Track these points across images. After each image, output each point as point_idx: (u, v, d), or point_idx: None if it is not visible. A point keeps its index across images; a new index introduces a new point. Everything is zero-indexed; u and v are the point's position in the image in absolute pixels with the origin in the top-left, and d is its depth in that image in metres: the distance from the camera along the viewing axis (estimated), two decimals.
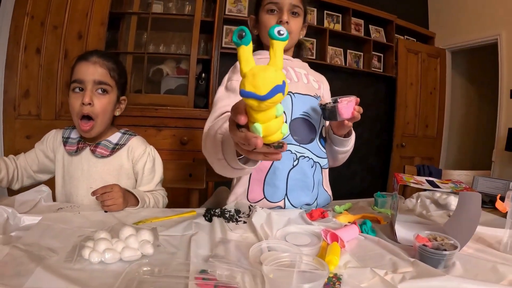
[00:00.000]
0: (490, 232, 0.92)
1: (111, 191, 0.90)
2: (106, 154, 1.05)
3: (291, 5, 1.06)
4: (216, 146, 0.68)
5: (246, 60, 0.42)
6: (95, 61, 0.99)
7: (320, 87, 1.17)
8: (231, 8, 3.08)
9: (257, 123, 0.44)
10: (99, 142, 1.07)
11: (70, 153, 1.05)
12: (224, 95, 0.99)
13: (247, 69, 0.41)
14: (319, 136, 1.09)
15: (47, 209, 0.90)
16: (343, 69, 3.64)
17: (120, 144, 1.08)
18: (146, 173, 1.10)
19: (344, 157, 1.18)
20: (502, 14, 3.38)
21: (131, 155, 1.09)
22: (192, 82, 2.54)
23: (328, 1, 3.46)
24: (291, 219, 0.91)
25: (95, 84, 0.99)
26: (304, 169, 1.04)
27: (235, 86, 0.98)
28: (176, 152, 2.35)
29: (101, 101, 1.00)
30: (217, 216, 0.92)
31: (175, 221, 0.88)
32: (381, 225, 0.93)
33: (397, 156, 3.81)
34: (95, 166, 1.05)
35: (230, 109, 0.87)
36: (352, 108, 0.93)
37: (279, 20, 1.05)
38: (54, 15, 2.30)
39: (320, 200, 1.10)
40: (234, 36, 0.42)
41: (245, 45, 0.42)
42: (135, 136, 1.12)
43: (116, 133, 1.11)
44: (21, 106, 2.26)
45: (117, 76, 1.04)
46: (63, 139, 1.08)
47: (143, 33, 2.61)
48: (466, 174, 1.74)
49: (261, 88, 0.39)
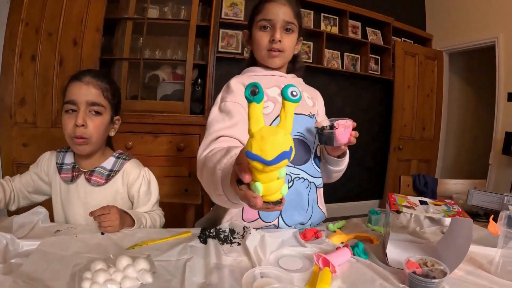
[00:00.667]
0: (482, 251, 0.93)
1: (108, 213, 0.92)
2: (101, 182, 1.06)
3: (284, 21, 1.04)
4: (216, 182, 0.66)
5: (256, 119, 0.42)
6: (88, 81, 0.99)
7: (314, 104, 1.16)
8: (227, 11, 3.07)
9: (258, 183, 0.43)
10: (93, 170, 1.07)
11: (65, 181, 1.06)
12: (219, 117, 0.97)
13: (256, 129, 0.41)
14: (313, 156, 1.08)
15: (45, 231, 0.91)
16: (340, 72, 3.64)
17: (115, 170, 1.08)
18: (141, 195, 1.11)
19: (338, 175, 1.18)
20: (500, 16, 3.38)
21: (125, 179, 1.09)
22: (188, 88, 2.54)
23: (325, 3, 3.45)
24: (285, 240, 0.92)
25: (88, 105, 0.98)
26: (299, 190, 1.04)
27: (229, 108, 0.96)
28: (173, 158, 2.35)
29: (95, 122, 1.00)
30: (212, 237, 0.92)
31: (170, 243, 0.88)
32: (373, 246, 0.94)
33: (394, 159, 3.82)
34: (91, 194, 1.05)
35: (225, 133, 0.89)
36: (349, 133, 0.93)
37: (271, 39, 1.04)
38: (48, 22, 2.29)
39: (314, 219, 1.10)
40: (247, 91, 0.42)
41: (257, 102, 0.42)
42: (129, 161, 1.12)
43: (110, 158, 1.11)
44: (17, 114, 2.26)
45: (111, 96, 1.04)
46: (57, 165, 1.08)
47: (139, 38, 2.60)
48: (462, 184, 1.75)
49: (268, 153, 0.39)
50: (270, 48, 1.05)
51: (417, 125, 3.96)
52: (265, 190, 0.44)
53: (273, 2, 1.06)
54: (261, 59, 1.10)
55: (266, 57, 1.07)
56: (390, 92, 3.85)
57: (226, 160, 0.65)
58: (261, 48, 1.07)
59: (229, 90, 1.03)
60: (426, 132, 4.05)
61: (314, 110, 1.15)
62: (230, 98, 1.00)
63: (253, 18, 1.10)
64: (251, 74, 1.11)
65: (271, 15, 1.04)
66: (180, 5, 2.72)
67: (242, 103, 0.99)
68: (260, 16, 1.07)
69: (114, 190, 1.08)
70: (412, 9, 4.19)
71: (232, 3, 3.08)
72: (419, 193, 1.71)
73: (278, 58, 1.07)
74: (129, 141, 2.28)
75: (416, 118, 3.95)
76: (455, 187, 1.75)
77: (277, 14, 1.04)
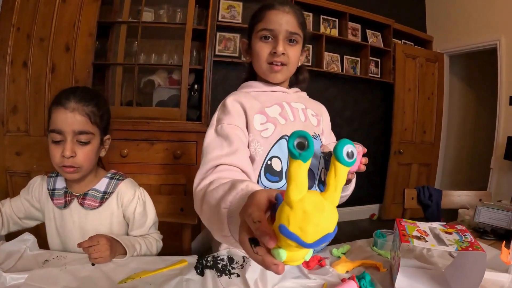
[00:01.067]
0: (493, 278, 0.88)
1: (97, 244, 0.86)
2: (95, 206, 1.01)
3: (287, 32, 0.95)
4: (221, 222, 0.58)
5: (299, 182, 0.33)
6: (74, 107, 0.91)
7: (319, 122, 1.08)
8: (224, 14, 3.00)
9: (282, 249, 0.35)
10: (86, 193, 1.02)
11: (59, 207, 1.01)
12: (216, 142, 0.87)
13: (297, 196, 0.33)
14: (318, 182, 1.01)
15: (33, 260, 0.88)
16: (339, 75, 3.59)
17: (109, 192, 1.03)
18: (137, 217, 1.05)
19: (343, 200, 1.10)
20: (502, 19, 3.33)
21: (120, 201, 1.04)
22: (184, 94, 2.48)
23: (324, 5, 3.39)
24: (287, 271, 0.86)
25: (75, 134, 0.92)
26: None
27: (227, 133, 0.87)
28: (169, 166, 2.29)
29: (84, 151, 0.94)
30: (209, 267, 0.87)
31: (165, 275, 0.83)
32: (380, 274, 0.89)
33: (394, 163, 3.78)
34: (86, 218, 1.01)
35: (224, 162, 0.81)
36: (359, 160, 0.86)
37: (273, 51, 0.94)
38: (40, 27, 2.21)
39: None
40: (291, 143, 0.33)
41: (303, 161, 0.33)
42: (123, 181, 1.07)
43: (103, 179, 1.05)
44: (9, 122, 2.19)
45: (99, 120, 0.97)
46: (49, 191, 1.02)
47: (134, 42, 2.53)
48: (467, 195, 1.71)
49: (309, 236, 0.31)
50: (272, 61, 0.96)
51: (417, 129, 3.91)
52: (289, 257, 0.36)
53: (276, 9, 0.96)
54: (261, 73, 1.00)
55: (267, 71, 0.98)
56: (390, 95, 3.80)
57: (232, 198, 0.57)
58: (261, 60, 0.97)
59: (225, 110, 0.94)
60: (426, 136, 4.00)
61: (319, 130, 1.07)
62: (227, 120, 0.91)
63: (253, 27, 1.00)
64: (249, 90, 1.02)
65: (273, 25, 0.95)
66: (176, 8, 2.65)
67: (239, 125, 0.91)
68: (260, 25, 0.97)
69: (110, 213, 1.03)
70: (412, 10, 4.14)
71: (230, 5, 3.02)
72: (424, 206, 1.66)
73: (281, 73, 0.98)
74: (124, 148, 2.22)
75: (417, 122, 3.90)
76: (460, 199, 1.71)
77: (280, 23, 0.94)
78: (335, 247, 1.04)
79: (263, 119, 0.94)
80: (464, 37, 3.76)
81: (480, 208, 1.29)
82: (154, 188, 2.28)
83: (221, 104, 0.98)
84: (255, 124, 0.92)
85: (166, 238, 1.16)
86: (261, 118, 0.94)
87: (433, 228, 0.88)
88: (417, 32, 4.03)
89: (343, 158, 0.33)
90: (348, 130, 3.65)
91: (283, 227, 0.32)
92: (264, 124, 0.93)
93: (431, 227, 0.88)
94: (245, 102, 0.94)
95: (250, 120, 0.92)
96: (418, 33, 4.05)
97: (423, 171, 4.01)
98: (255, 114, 0.93)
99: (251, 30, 1.02)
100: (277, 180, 0.93)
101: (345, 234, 0.95)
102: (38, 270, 0.81)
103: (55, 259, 0.89)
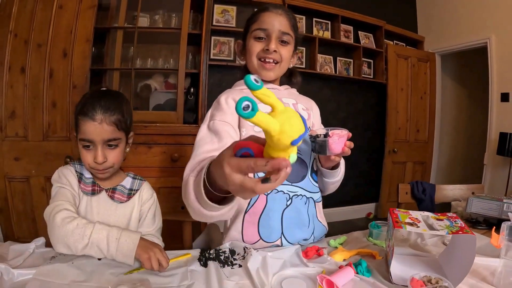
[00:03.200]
0: (484, 263, 0.93)
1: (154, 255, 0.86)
2: (124, 200, 1.07)
3: (280, 32, 1.02)
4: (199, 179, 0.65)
5: (267, 123, 0.41)
6: (101, 119, 0.95)
7: (309, 116, 1.14)
8: (218, 18, 3.05)
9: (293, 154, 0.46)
10: (115, 188, 1.07)
11: (86, 193, 1.03)
12: (207, 137, 0.94)
13: (276, 125, 0.42)
14: (310, 171, 1.07)
15: (41, 257, 0.89)
16: (333, 77, 3.64)
17: (135, 189, 1.10)
18: (149, 216, 1.11)
19: (335, 186, 1.15)
20: (492, 17, 3.41)
21: (141, 198, 1.11)
22: (181, 98, 2.51)
23: (316, 8, 3.45)
24: (286, 260, 0.90)
25: (104, 142, 0.98)
26: (298, 207, 1.02)
27: (217, 128, 0.94)
28: (167, 169, 2.32)
29: (114, 154, 1.00)
30: (212, 259, 0.90)
31: (169, 267, 0.86)
32: (376, 262, 0.93)
33: (389, 162, 3.83)
34: (111, 210, 1.05)
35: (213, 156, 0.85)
36: (343, 143, 0.91)
37: (265, 48, 1.01)
38: (37, 33, 2.24)
39: (317, 233, 1.08)
40: (239, 109, 0.40)
41: (252, 116, 0.41)
42: (145, 182, 1.15)
43: (127, 178, 1.11)
44: (7, 127, 2.21)
45: (125, 124, 1.01)
46: (77, 174, 1.04)
47: (130, 47, 2.57)
48: (460, 189, 1.75)
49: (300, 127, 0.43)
50: (263, 57, 1.03)
51: (411, 128, 3.98)
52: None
53: (269, 11, 1.04)
54: (253, 71, 1.06)
55: (259, 68, 1.04)
56: (383, 95, 3.86)
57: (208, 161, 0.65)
58: (253, 56, 1.04)
59: (218, 107, 1.01)
60: (420, 134, 4.07)
61: (309, 123, 1.13)
62: (219, 116, 0.98)
63: (248, 28, 1.08)
64: (242, 88, 1.08)
65: (266, 25, 1.02)
66: (171, 13, 2.69)
67: (231, 122, 0.97)
68: (255, 26, 1.05)
69: (131, 208, 1.08)
70: (404, 11, 4.22)
71: (224, 9, 3.07)
72: (418, 200, 1.70)
73: (273, 71, 1.05)
74: None
75: (410, 121, 3.96)
76: (453, 193, 1.75)
77: (273, 24, 1.02)
78: (332, 238, 1.08)
79: None
80: (454, 36, 3.84)
81: (472, 199, 1.33)
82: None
83: (215, 101, 1.04)
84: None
85: (167, 239, 1.19)
86: None
87: (425, 216, 0.91)
88: (408, 33, 4.11)
89: (252, 84, 0.42)
90: None
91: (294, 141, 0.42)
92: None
93: (423, 215, 0.92)
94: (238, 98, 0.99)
95: None
96: (410, 33, 4.13)
97: (417, 169, 4.07)
98: None
99: (246, 32, 1.09)
100: None
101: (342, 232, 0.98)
102: (45, 266, 0.83)
103: (62, 255, 0.90)
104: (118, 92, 1.12)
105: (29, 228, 2.25)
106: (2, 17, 2.21)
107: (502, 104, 3.36)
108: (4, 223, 2.24)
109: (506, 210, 1.26)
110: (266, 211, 0.99)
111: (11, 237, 2.21)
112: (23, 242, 0.96)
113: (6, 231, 2.25)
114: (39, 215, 2.29)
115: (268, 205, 0.99)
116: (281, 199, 1.00)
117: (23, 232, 2.26)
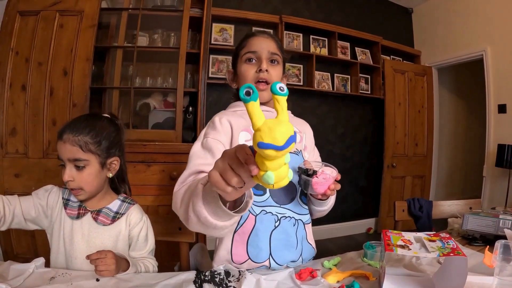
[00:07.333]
0: (479, 281, 0.92)
1: (105, 257, 0.92)
2: (107, 223, 1.08)
3: (269, 53, 1.08)
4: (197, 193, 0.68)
5: (258, 115, 0.45)
6: (67, 139, 0.99)
7: (301, 139, 1.16)
8: (216, 37, 3.10)
9: (270, 171, 0.47)
10: (100, 210, 1.08)
11: (71, 217, 1.06)
12: (200, 152, 0.98)
13: (260, 123, 0.45)
14: (299, 194, 1.07)
15: (40, 278, 0.91)
16: (330, 93, 3.67)
17: (121, 213, 1.11)
18: (140, 240, 1.12)
19: (322, 214, 1.16)
20: (487, 29, 3.44)
21: (128, 221, 1.11)
22: (179, 116, 2.53)
23: (314, 26, 3.51)
24: (280, 282, 0.90)
25: (70, 161, 1.00)
26: (286, 229, 1.02)
27: (210, 145, 0.97)
28: (166, 187, 2.32)
29: (80, 176, 1.01)
30: (207, 281, 0.90)
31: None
32: (369, 283, 0.92)
33: (388, 177, 3.82)
34: (96, 232, 1.06)
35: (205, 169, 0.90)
36: (327, 185, 0.91)
37: (258, 69, 1.06)
38: (38, 51, 2.29)
39: (305, 255, 1.08)
40: (242, 94, 0.45)
41: (254, 100, 0.45)
42: (133, 205, 1.15)
43: (116, 201, 1.12)
44: (8, 144, 2.23)
45: (95, 146, 1.02)
46: (63, 200, 1.08)
47: (129, 66, 2.61)
48: (457, 204, 1.75)
49: (279, 140, 0.43)
50: (258, 79, 1.06)
51: (409, 142, 3.98)
52: (276, 177, 0.47)
53: (257, 36, 1.11)
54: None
55: None
56: (381, 110, 3.88)
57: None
58: (247, 80, 1.08)
59: (212, 126, 1.04)
60: (419, 148, 4.07)
61: (301, 146, 1.14)
62: (213, 135, 1.00)
63: (237, 54, 1.13)
64: (236, 110, 1.12)
65: (255, 47, 1.08)
66: (170, 32, 2.74)
67: (223, 141, 1.00)
68: (244, 50, 1.10)
69: (118, 231, 1.09)
70: (400, 27, 4.28)
71: (222, 28, 3.13)
72: (415, 217, 1.70)
73: (266, 92, 1.08)
74: None
75: (408, 135, 3.97)
76: (450, 208, 1.75)
77: (262, 46, 1.08)
78: (327, 259, 1.07)
79: (247, 136, 1.03)
80: (450, 49, 3.88)
81: (468, 216, 1.33)
82: (151, 209, 2.30)
83: (210, 121, 1.08)
84: (240, 140, 1.02)
85: (164, 259, 1.21)
86: (246, 135, 1.03)
87: (418, 237, 0.92)
88: (405, 48, 4.16)
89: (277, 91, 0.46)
90: (341, 146, 3.72)
91: (260, 143, 0.43)
92: (249, 141, 1.00)
93: (416, 236, 0.92)
94: (232, 120, 1.04)
95: (235, 137, 1.02)
96: (406, 48, 4.19)
97: (417, 183, 4.05)
98: (240, 131, 1.03)
99: (236, 58, 1.14)
100: (262, 193, 1.00)
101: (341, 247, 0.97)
102: (45, 286, 0.85)
103: (61, 276, 0.93)
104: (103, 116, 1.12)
105: (28, 245, 2.25)
106: (4, 35, 2.26)
107: (500, 116, 3.38)
108: (4, 239, 2.24)
109: (502, 226, 1.26)
110: (255, 231, 1.00)
111: (11, 253, 2.21)
112: (22, 258, 0.97)
113: (6, 247, 2.25)
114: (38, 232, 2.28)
115: (256, 226, 1.00)
116: (269, 220, 1.01)
117: (22, 248, 2.25)
